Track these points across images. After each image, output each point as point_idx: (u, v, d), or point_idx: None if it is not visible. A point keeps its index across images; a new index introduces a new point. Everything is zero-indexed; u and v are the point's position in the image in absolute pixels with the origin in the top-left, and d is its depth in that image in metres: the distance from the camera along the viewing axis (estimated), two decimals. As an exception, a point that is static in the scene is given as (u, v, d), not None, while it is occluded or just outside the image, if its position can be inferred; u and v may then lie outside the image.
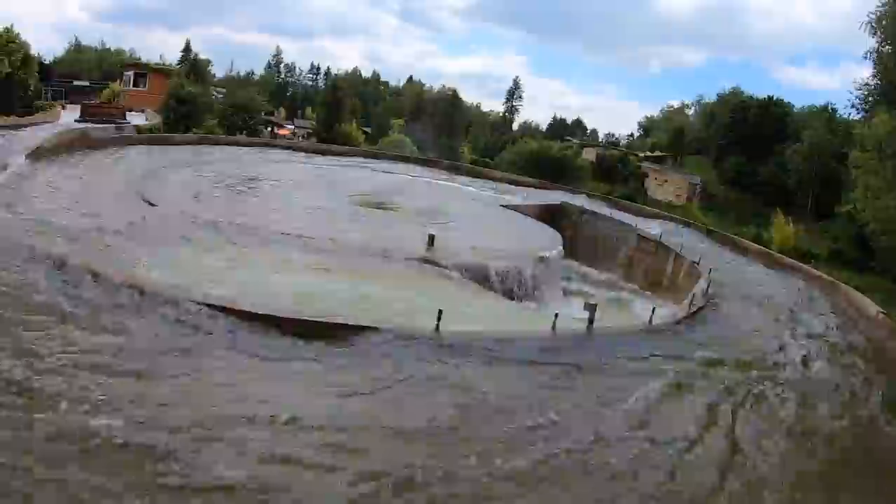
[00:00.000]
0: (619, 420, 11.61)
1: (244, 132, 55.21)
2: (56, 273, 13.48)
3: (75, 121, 43.34)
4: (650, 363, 15.06)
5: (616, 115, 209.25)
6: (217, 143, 47.93)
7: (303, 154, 52.72)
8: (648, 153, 71.15)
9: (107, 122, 45.06)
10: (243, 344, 11.87)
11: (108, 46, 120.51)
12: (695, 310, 20.29)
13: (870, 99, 34.99)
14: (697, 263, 28.09)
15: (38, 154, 29.21)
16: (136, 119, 49.72)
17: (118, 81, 65.45)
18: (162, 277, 14.97)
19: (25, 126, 37.67)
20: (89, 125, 41.60)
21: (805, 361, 17.97)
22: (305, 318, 13.12)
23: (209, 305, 12.77)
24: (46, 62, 62.32)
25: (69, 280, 13.19)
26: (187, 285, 14.16)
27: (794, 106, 67.54)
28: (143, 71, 62.45)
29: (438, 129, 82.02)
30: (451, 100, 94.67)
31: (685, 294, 24.91)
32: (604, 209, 42.31)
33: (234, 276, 17.22)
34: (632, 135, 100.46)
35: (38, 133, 35.40)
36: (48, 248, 14.99)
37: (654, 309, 19.27)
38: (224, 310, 12.71)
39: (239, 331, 12.27)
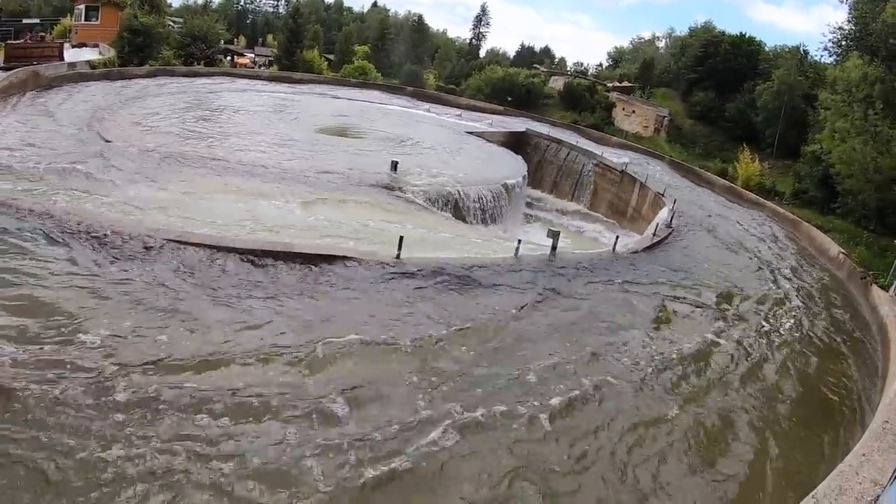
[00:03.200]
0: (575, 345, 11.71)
1: (202, 62, 53.46)
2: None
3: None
4: (609, 289, 15.11)
5: (587, 46, 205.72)
6: (174, 75, 46.42)
7: (264, 83, 51.52)
8: (617, 83, 70.20)
9: (34, 65, 38.05)
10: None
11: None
12: (658, 240, 20.24)
13: (842, 43, 34.66)
14: (662, 194, 27.90)
15: None
16: (87, 54, 47.65)
17: (69, 17, 63.00)
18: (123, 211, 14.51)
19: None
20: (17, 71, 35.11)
21: (760, 295, 18.06)
22: (267, 248, 12.89)
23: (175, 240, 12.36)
24: (-8, 0, 59.55)
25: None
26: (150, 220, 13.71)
27: (765, 44, 66.99)
28: (95, 4, 59.64)
29: (403, 55, 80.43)
30: (416, 26, 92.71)
31: (649, 224, 24.83)
32: (570, 137, 41.84)
33: (201, 209, 16.72)
34: (601, 65, 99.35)
35: None
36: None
37: (617, 237, 19.28)
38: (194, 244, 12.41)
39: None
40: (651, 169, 36.06)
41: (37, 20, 69.83)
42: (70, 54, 46.31)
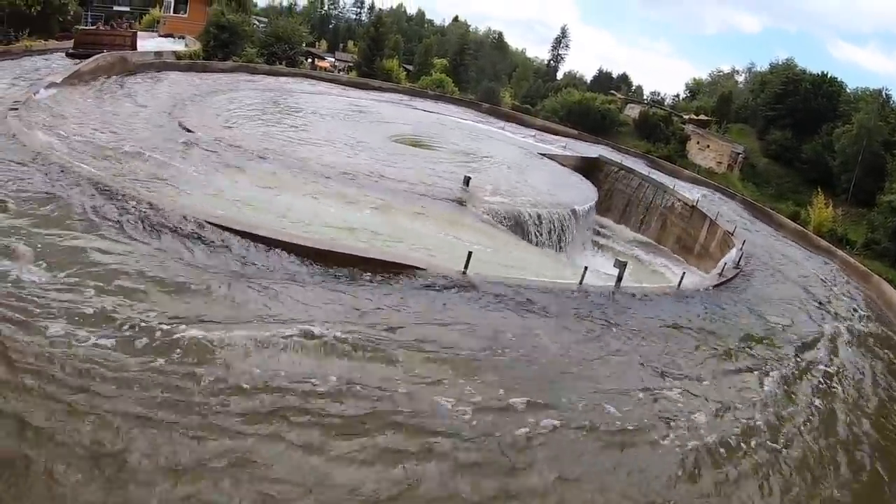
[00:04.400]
0: (632, 378, 11.57)
1: (284, 62, 54.76)
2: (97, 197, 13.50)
3: (67, 54, 35.34)
4: (673, 326, 14.85)
5: (664, 74, 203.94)
6: (256, 72, 47.65)
7: (342, 87, 52.26)
8: (693, 116, 69.47)
9: (107, 52, 36.19)
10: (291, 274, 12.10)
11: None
12: (724, 280, 20.00)
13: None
14: (731, 233, 27.56)
15: (76, 77, 29.16)
16: (174, 45, 49.21)
17: (158, 7, 65.05)
18: (200, 205, 15.02)
19: (65, 50, 37.66)
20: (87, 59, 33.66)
21: (828, 343, 17.77)
22: (345, 251, 13.22)
23: (249, 236, 12.89)
24: (86, -13, 61.76)
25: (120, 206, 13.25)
26: (227, 215, 14.19)
27: (846, 85, 65.67)
28: (185, -3, 61.64)
29: (481, 71, 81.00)
30: (496, 43, 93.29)
31: (716, 262, 24.63)
32: (642, 167, 41.62)
33: (271, 206, 17.26)
34: (678, 95, 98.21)
35: None
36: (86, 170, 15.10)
37: (683, 273, 19.05)
38: (267, 241, 12.83)
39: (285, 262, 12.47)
40: (722, 206, 35.54)
41: (127, 8, 72.14)
42: (153, 43, 47.90)
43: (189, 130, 23.97)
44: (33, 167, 14.32)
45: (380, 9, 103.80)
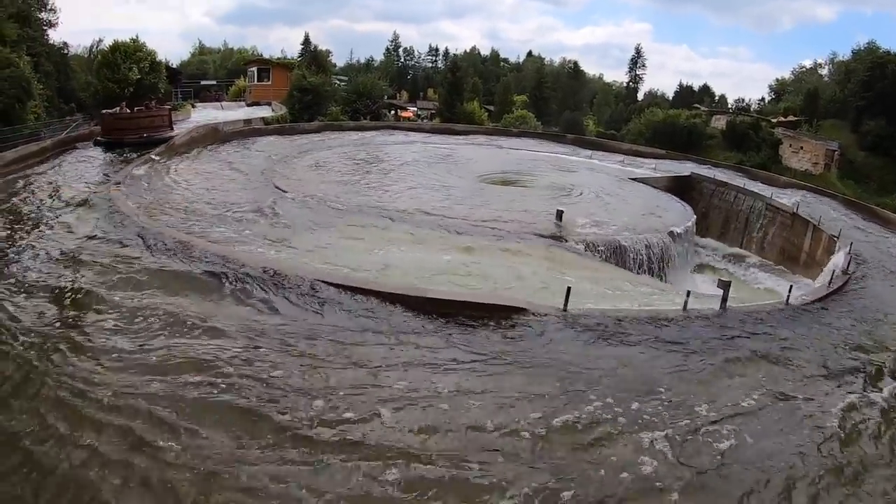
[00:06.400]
0: (754, 411, 10.92)
1: (368, 117, 56.62)
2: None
3: (94, 143, 32.95)
4: (788, 348, 14.09)
5: (746, 79, 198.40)
6: (342, 129, 49.72)
7: (427, 134, 53.77)
8: (781, 118, 67.83)
9: (144, 138, 33.39)
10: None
11: (230, 46, 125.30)
12: (835, 288, 19.35)
13: None
14: (837, 237, 26.61)
15: (171, 150, 31.14)
16: (261, 112, 51.73)
17: (243, 78, 68.37)
18: (299, 259, 16.02)
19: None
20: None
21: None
22: (447, 297, 13.80)
23: (353, 288, 13.69)
24: (174, 66, 65.60)
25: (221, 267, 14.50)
26: (330, 268, 15.08)
27: (935, 59, 62.88)
28: (266, 66, 64.52)
29: (561, 102, 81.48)
30: (572, 73, 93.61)
31: (824, 270, 23.99)
32: (736, 180, 40.84)
33: (371, 257, 18.13)
34: (763, 99, 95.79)
35: (176, 128, 37.64)
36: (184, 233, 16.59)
37: (791, 287, 18.58)
38: (370, 292, 13.59)
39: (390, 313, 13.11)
40: (823, 209, 34.45)
41: (213, 82, 76.28)
42: (242, 112, 50.74)
43: (283, 190, 25.46)
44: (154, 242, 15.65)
45: (454, 54, 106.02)
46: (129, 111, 34.84)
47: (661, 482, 8.54)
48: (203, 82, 76.93)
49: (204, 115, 48.51)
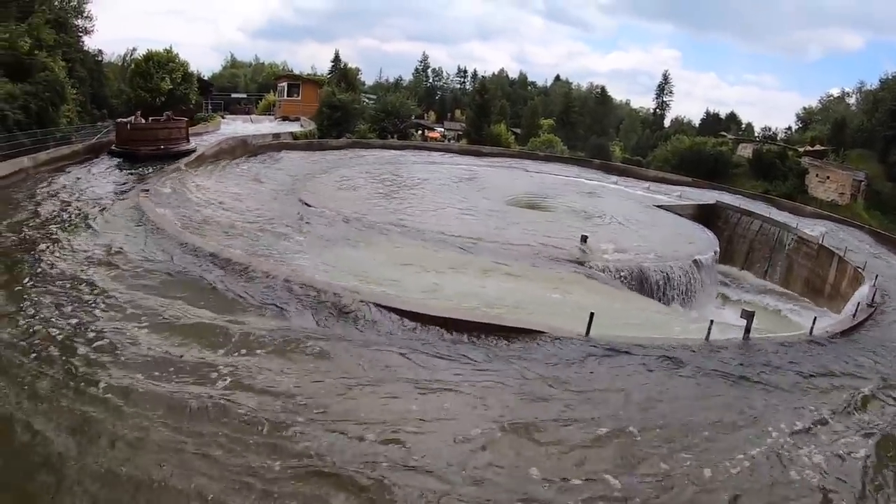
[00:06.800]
0: (775, 441, 10.92)
1: (396, 136, 57.19)
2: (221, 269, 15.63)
3: (108, 152, 32.19)
4: (810, 379, 14.13)
5: (773, 107, 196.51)
6: (369, 147, 50.38)
7: (453, 155, 54.19)
8: (808, 147, 67.48)
9: (161, 151, 32.73)
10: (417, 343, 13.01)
11: (261, 61, 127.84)
12: (859, 321, 19.35)
13: None
14: (862, 269, 26.61)
15: (200, 161, 31.71)
16: (290, 127, 52.53)
17: (273, 93, 69.37)
18: (324, 274, 16.41)
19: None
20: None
21: None
22: (469, 318, 14.07)
23: (379, 305, 14.08)
24: (205, 78, 66.77)
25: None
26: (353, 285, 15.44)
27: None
28: (296, 81, 65.25)
29: (588, 127, 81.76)
30: (599, 98, 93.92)
31: (848, 303, 23.93)
32: (761, 209, 40.82)
33: (396, 274, 18.51)
34: (790, 128, 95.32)
35: (205, 140, 38.87)
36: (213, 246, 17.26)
37: (815, 319, 18.60)
38: (395, 310, 13.95)
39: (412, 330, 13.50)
40: (849, 241, 34.27)
41: (244, 95, 77.46)
42: (270, 126, 52.35)
43: (308, 205, 25.97)
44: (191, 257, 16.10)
45: (482, 76, 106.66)
46: (143, 121, 34.12)
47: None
48: (233, 95, 78.31)
49: (233, 127, 49.55)
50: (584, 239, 25.12)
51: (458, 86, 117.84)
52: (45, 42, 32.53)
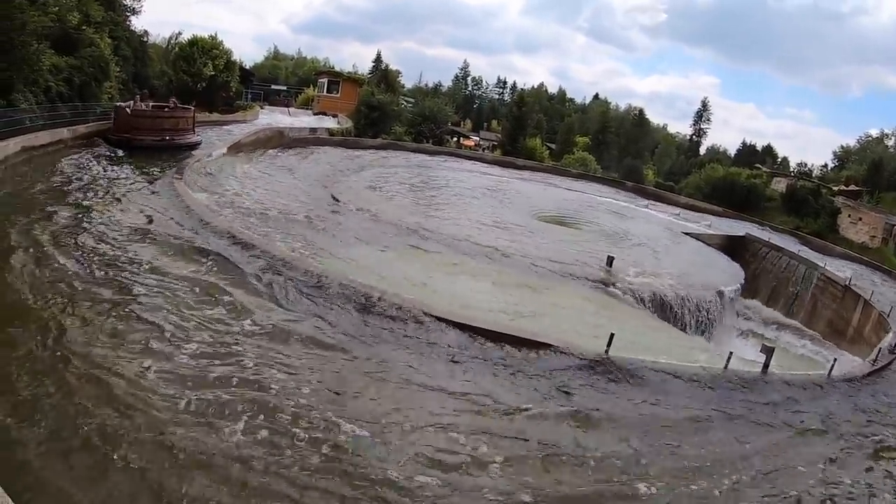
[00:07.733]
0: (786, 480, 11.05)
1: (431, 140, 57.59)
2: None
3: (106, 140, 28.79)
4: (823, 420, 14.16)
5: (810, 142, 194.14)
6: (404, 149, 50.99)
7: (487, 165, 54.63)
8: (843, 186, 66.82)
9: (165, 142, 30.35)
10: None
11: (304, 55, 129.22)
12: (879, 367, 19.20)
13: None
14: (887, 315, 26.40)
15: (237, 148, 32.24)
16: (327, 122, 53.35)
17: (312, 87, 70.27)
18: (346, 272, 16.70)
19: (228, 123, 41.62)
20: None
21: None
22: (492, 328, 14.32)
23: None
24: (247, 67, 67.54)
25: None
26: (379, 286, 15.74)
27: None
28: (337, 78, 65.88)
29: (623, 149, 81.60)
30: (636, 120, 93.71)
31: (871, 348, 23.76)
32: (790, 245, 40.66)
33: (416, 280, 18.80)
34: (826, 165, 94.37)
35: (243, 128, 39.71)
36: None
37: (834, 360, 18.59)
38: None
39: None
40: (877, 285, 33.97)
41: (284, 87, 78.11)
42: (309, 120, 53.98)
43: (338, 200, 26.34)
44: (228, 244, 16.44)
45: (521, 88, 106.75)
46: (143, 107, 31.57)
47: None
48: (274, 87, 79.01)
49: (272, 118, 50.56)
50: (609, 260, 25.22)
51: (497, 96, 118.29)
52: (94, 18, 33.06)
